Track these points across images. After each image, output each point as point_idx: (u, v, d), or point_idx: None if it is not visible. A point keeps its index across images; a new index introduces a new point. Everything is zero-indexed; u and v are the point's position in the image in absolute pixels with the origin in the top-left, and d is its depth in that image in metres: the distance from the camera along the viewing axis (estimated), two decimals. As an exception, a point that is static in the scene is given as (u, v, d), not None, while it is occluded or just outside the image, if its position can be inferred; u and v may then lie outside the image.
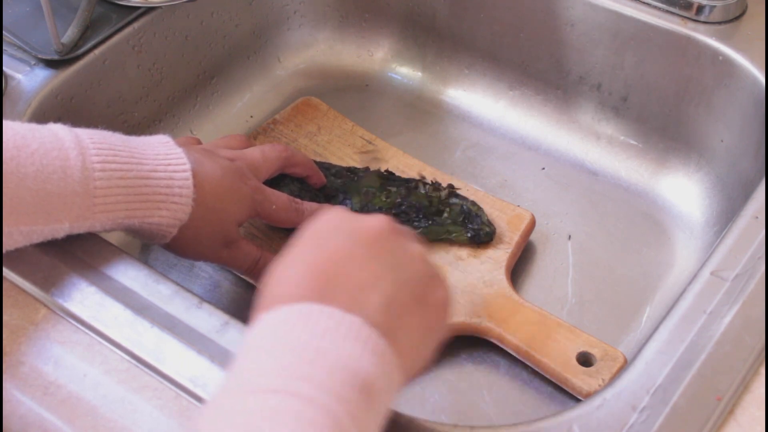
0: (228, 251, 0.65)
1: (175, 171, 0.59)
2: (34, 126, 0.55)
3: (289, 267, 0.46)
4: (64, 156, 0.54)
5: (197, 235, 0.62)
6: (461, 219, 0.73)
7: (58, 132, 0.55)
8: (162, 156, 0.59)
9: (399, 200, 0.74)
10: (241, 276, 0.73)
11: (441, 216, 0.74)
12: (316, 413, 0.39)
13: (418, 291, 0.47)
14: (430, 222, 0.73)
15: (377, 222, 0.48)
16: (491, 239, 0.73)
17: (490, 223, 0.73)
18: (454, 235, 0.73)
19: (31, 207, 0.53)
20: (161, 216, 0.58)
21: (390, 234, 0.48)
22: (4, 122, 0.55)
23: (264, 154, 0.69)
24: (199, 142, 0.70)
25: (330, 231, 0.48)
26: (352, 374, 0.41)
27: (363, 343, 0.42)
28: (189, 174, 0.59)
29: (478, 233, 0.73)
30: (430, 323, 0.48)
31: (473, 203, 0.75)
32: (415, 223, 0.73)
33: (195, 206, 0.60)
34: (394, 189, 0.76)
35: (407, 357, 0.45)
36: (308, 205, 0.70)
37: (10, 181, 0.52)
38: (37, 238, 0.55)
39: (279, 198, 0.67)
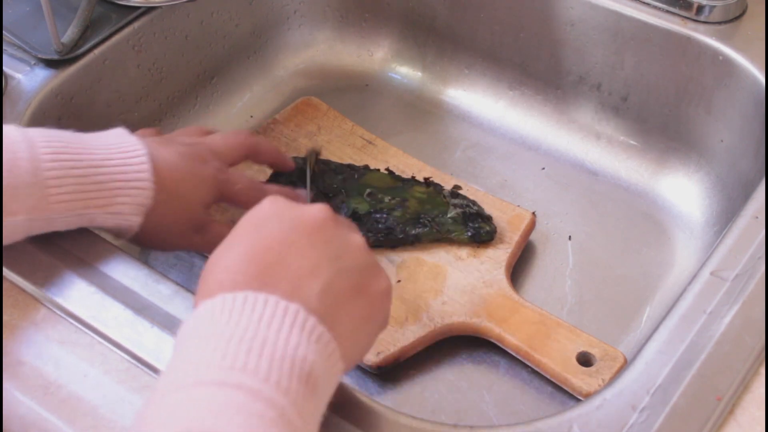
0: (200, 236, 0.64)
1: (130, 157, 0.58)
2: None
3: (229, 254, 0.46)
4: (12, 149, 0.54)
5: (164, 223, 0.61)
6: (462, 218, 0.73)
7: (5, 130, 0.55)
8: (115, 145, 0.58)
9: (400, 200, 0.74)
10: None
11: (444, 216, 0.74)
12: (262, 406, 0.39)
13: (358, 280, 0.47)
14: (431, 222, 0.73)
15: (317, 211, 0.48)
16: (491, 238, 0.73)
17: (490, 223, 0.73)
18: (454, 234, 0.73)
19: None
20: (122, 204, 0.57)
21: (329, 223, 0.48)
22: None
23: (226, 140, 0.68)
24: (159, 133, 0.69)
25: (269, 219, 0.48)
26: (294, 363, 0.41)
27: (303, 331, 0.43)
28: (145, 158, 0.58)
29: (479, 232, 0.73)
30: (369, 312, 0.48)
31: (474, 202, 0.75)
32: (418, 225, 0.73)
33: (156, 192, 0.59)
34: (397, 188, 0.76)
35: (346, 344, 0.45)
36: (270, 186, 0.70)
37: None
38: None
39: (241, 178, 0.67)
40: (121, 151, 0.58)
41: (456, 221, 0.73)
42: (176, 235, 0.63)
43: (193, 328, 0.43)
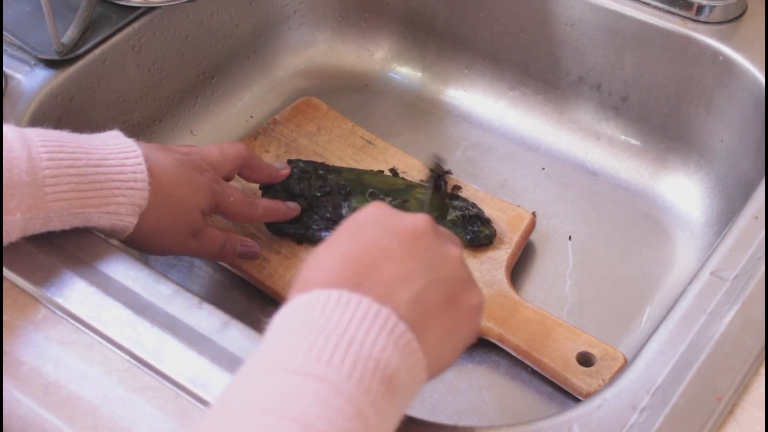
0: (196, 241, 0.64)
1: (126, 158, 0.58)
2: None
3: (327, 253, 0.46)
4: (9, 148, 0.54)
5: (161, 226, 0.61)
6: (461, 221, 0.73)
7: (3, 129, 0.55)
8: (112, 146, 0.59)
9: (401, 201, 0.75)
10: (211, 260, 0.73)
11: (443, 220, 0.74)
12: (342, 400, 0.39)
13: (450, 292, 0.47)
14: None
15: (418, 220, 0.48)
16: (490, 242, 0.73)
17: (490, 226, 0.73)
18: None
19: None
20: (118, 203, 0.58)
21: (429, 233, 0.48)
22: None
23: (222, 151, 0.68)
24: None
25: (370, 223, 0.48)
26: (378, 365, 0.41)
27: (391, 335, 0.43)
28: (141, 159, 0.59)
29: (478, 236, 0.73)
30: (458, 325, 0.48)
31: (473, 205, 0.75)
32: None
33: (151, 196, 0.59)
34: (399, 189, 0.76)
35: (432, 354, 0.45)
36: (261, 200, 0.70)
37: None
38: None
39: (235, 191, 0.67)
40: (117, 152, 0.58)
41: (455, 224, 0.73)
42: (173, 239, 0.63)
43: (285, 318, 0.44)
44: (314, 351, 0.41)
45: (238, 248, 0.69)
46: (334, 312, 0.43)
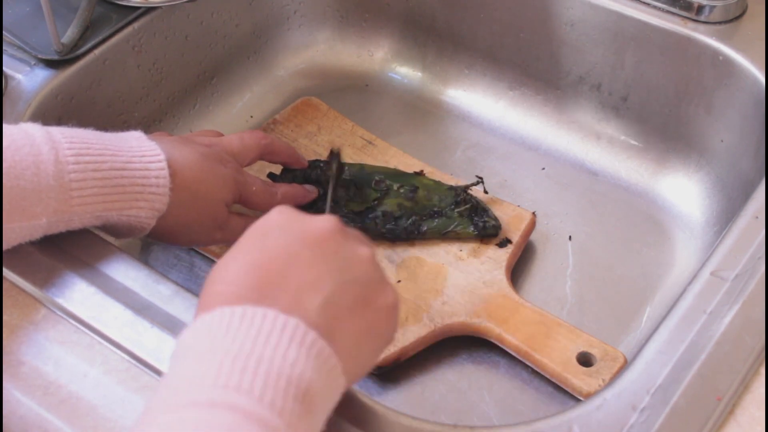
0: (221, 232, 0.65)
1: (150, 162, 0.58)
2: (4, 126, 0.55)
3: (230, 265, 0.45)
4: (36, 151, 0.54)
5: (187, 222, 0.62)
6: (468, 213, 0.73)
7: (29, 129, 0.55)
8: (136, 148, 0.59)
9: (409, 188, 0.75)
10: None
11: (451, 210, 0.74)
12: (255, 428, 0.38)
13: (362, 293, 0.46)
14: (439, 214, 0.73)
15: (324, 222, 0.47)
16: (496, 234, 0.73)
17: (495, 218, 0.74)
18: (460, 227, 0.73)
19: (6, 204, 0.52)
20: (139, 207, 0.58)
21: (336, 235, 0.47)
22: None
23: (242, 141, 0.68)
24: (170, 136, 0.69)
25: (275, 229, 0.46)
26: (290, 382, 0.40)
27: (301, 346, 0.41)
28: (164, 164, 0.59)
29: (485, 226, 0.73)
30: (373, 326, 0.47)
31: (480, 200, 0.75)
32: (426, 218, 0.73)
33: (176, 193, 0.59)
34: (405, 175, 0.76)
35: (348, 359, 0.44)
36: (280, 186, 0.71)
37: None
38: (14, 238, 0.54)
39: (256, 180, 0.67)
40: (141, 155, 0.59)
41: (462, 215, 0.73)
42: (198, 232, 0.64)
43: (189, 342, 0.42)
44: (221, 377, 0.39)
45: None
46: (239, 330, 0.41)
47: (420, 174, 0.78)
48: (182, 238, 0.64)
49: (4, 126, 0.55)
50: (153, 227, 0.60)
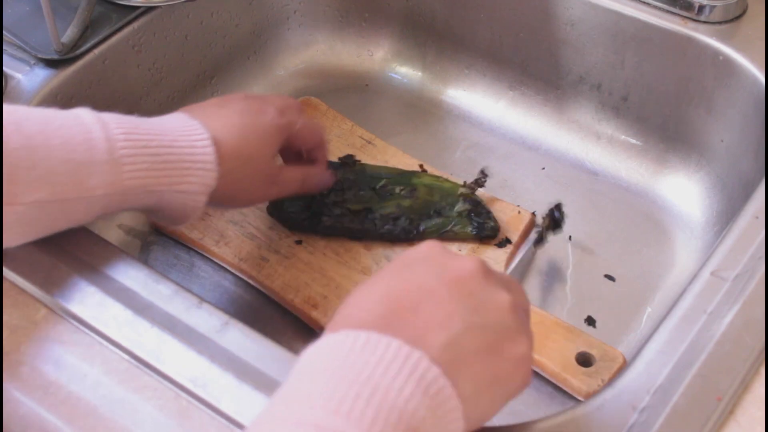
0: (276, 186, 0.67)
1: (196, 139, 0.60)
2: (54, 109, 0.57)
3: (367, 291, 0.44)
4: (87, 129, 0.55)
5: (240, 186, 0.63)
6: (467, 213, 0.74)
7: (79, 112, 0.57)
8: (180, 127, 0.60)
9: (410, 189, 0.75)
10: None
11: (451, 210, 0.74)
12: None
13: (492, 339, 0.44)
14: (438, 214, 0.74)
15: (468, 263, 0.46)
16: (495, 236, 0.73)
17: (495, 220, 0.74)
18: (458, 227, 0.73)
19: (62, 177, 0.54)
20: (190, 183, 0.59)
21: (477, 276, 0.45)
22: (26, 108, 0.57)
23: (281, 96, 0.69)
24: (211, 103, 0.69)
25: (419, 262, 0.46)
26: (402, 416, 0.39)
27: (420, 382, 0.40)
28: (209, 142, 0.60)
29: (483, 227, 0.73)
30: (499, 375, 0.44)
31: (483, 201, 0.75)
32: (426, 218, 0.73)
33: (223, 163, 0.60)
34: (405, 174, 0.77)
35: (470, 404, 0.42)
36: (319, 125, 0.72)
37: (39, 151, 0.53)
38: (74, 215, 0.56)
39: (299, 117, 0.68)
40: (186, 134, 0.60)
41: (461, 215, 0.73)
42: (253, 192, 0.65)
43: (311, 358, 0.42)
44: (333, 401, 0.39)
45: (317, 179, 0.71)
46: (360, 355, 0.40)
47: (422, 170, 0.78)
48: (239, 202, 0.66)
49: (56, 111, 0.57)
50: (210, 195, 0.61)
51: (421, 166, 0.79)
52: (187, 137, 0.59)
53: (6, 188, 0.52)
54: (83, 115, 0.57)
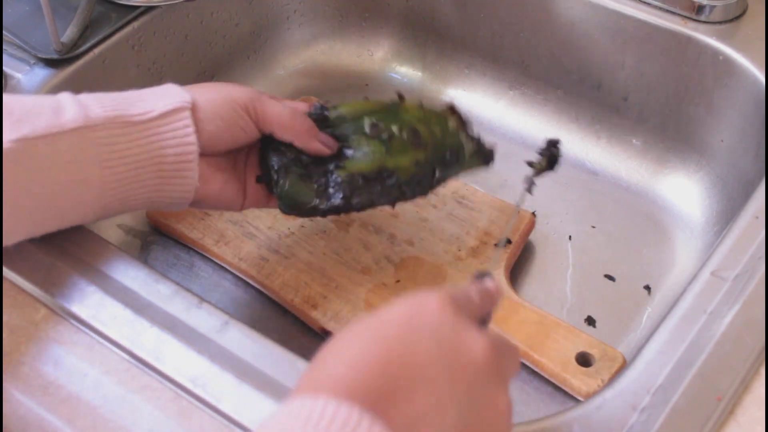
0: (259, 125, 0.62)
1: (163, 92, 0.62)
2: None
3: (357, 348, 0.39)
4: (56, 98, 0.57)
5: (219, 141, 0.60)
6: (475, 151, 0.68)
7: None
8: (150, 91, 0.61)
9: (410, 131, 0.65)
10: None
11: (463, 153, 0.68)
12: None
13: None
14: (456, 160, 0.67)
15: (480, 350, 0.41)
16: (492, 155, 0.69)
17: (485, 142, 0.69)
18: (473, 166, 0.69)
19: (38, 116, 0.54)
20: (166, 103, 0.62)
21: (484, 368, 0.41)
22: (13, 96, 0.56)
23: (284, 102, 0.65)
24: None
25: (425, 332, 0.40)
26: None
27: None
28: (179, 89, 0.62)
29: (489, 156, 0.69)
30: None
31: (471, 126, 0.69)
32: (443, 166, 0.66)
33: (199, 129, 0.59)
34: (389, 111, 0.66)
35: None
36: (300, 104, 0.66)
37: (14, 104, 0.54)
38: (71, 192, 0.55)
39: (273, 96, 0.65)
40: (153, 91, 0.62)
41: (473, 157, 0.68)
42: (236, 141, 0.61)
43: (276, 426, 0.37)
44: None
45: (313, 131, 0.64)
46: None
47: (401, 100, 0.67)
48: (223, 143, 0.61)
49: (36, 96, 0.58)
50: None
51: (399, 95, 0.68)
52: (152, 90, 0.61)
53: None
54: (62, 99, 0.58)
